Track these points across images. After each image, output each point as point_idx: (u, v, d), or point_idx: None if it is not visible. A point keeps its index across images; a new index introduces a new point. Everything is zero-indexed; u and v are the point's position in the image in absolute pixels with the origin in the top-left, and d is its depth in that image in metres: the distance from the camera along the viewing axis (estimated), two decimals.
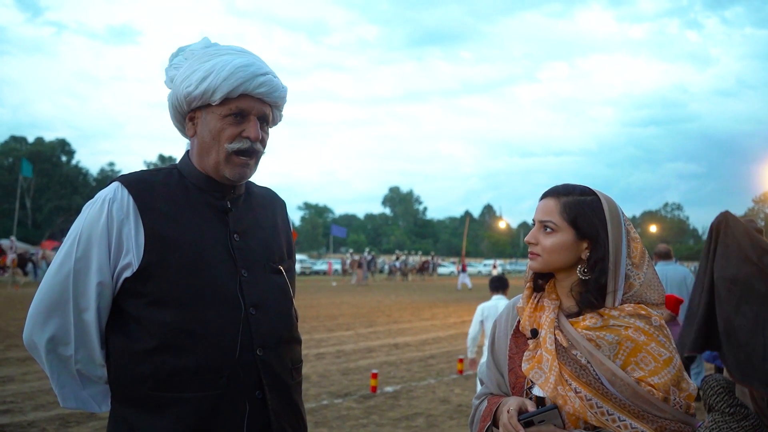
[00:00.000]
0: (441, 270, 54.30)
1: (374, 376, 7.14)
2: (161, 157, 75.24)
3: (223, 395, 1.55)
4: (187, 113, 1.67)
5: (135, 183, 1.61)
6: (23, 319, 1.64)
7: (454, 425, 5.78)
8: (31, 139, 72.29)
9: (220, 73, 1.58)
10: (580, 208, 1.59)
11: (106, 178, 70.25)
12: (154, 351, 1.53)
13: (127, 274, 1.56)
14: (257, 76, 1.62)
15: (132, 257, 1.55)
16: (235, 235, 1.66)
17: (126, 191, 1.59)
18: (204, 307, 1.56)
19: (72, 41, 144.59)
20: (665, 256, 6.89)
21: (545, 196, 1.65)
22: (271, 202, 1.85)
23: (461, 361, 8.28)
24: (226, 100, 1.61)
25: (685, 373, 1.56)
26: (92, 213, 1.58)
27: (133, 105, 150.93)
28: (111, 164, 76.33)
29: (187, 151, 1.73)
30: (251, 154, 1.65)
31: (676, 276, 6.54)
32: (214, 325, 1.56)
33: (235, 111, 1.62)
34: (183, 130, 1.72)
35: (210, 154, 1.64)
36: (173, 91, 1.65)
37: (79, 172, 71.64)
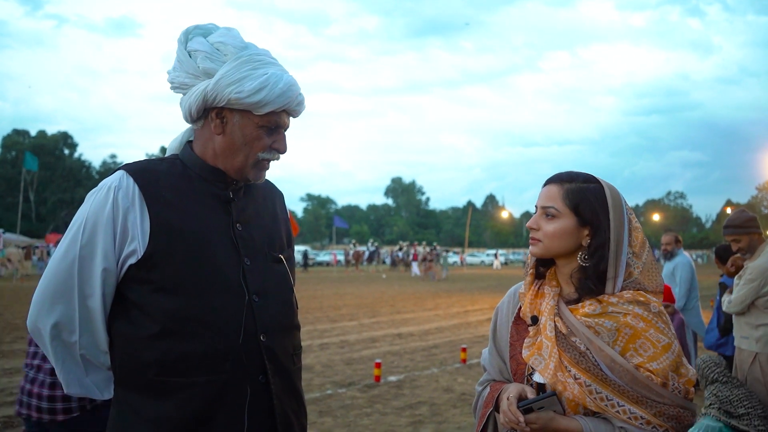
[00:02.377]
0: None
1: (378, 365, 7.19)
2: (163, 149, 74.82)
3: (228, 380, 1.58)
4: (215, 108, 1.64)
5: (140, 172, 1.63)
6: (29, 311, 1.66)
7: (458, 413, 5.81)
8: (33, 132, 72.37)
9: (273, 89, 1.60)
10: (582, 195, 1.60)
11: (108, 170, 70.00)
12: (159, 337, 1.55)
13: (132, 261, 1.57)
14: (299, 94, 1.67)
15: (137, 244, 1.57)
16: (237, 225, 1.68)
17: (131, 179, 1.60)
18: (209, 295, 1.59)
19: (72, 34, 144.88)
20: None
21: (548, 182, 1.66)
22: (270, 192, 1.88)
23: (464, 350, 8.33)
24: (269, 113, 1.64)
25: (684, 359, 1.58)
26: (97, 200, 1.59)
27: (134, 98, 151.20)
28: (113, 156, 76.12)
29: (189, 142, 1.74)
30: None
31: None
32: (219, 311, 1.59)
33: (273, 124, 1.66)
34: (196, 117, 1.67)
35: (237, 156, 1.66)
36: (213, 88, 1.60)
37: (82, 165, 71.59)
